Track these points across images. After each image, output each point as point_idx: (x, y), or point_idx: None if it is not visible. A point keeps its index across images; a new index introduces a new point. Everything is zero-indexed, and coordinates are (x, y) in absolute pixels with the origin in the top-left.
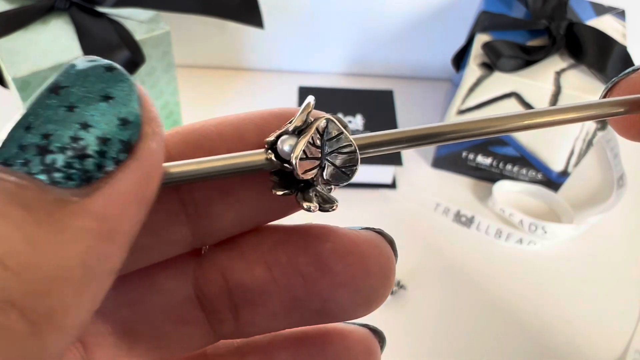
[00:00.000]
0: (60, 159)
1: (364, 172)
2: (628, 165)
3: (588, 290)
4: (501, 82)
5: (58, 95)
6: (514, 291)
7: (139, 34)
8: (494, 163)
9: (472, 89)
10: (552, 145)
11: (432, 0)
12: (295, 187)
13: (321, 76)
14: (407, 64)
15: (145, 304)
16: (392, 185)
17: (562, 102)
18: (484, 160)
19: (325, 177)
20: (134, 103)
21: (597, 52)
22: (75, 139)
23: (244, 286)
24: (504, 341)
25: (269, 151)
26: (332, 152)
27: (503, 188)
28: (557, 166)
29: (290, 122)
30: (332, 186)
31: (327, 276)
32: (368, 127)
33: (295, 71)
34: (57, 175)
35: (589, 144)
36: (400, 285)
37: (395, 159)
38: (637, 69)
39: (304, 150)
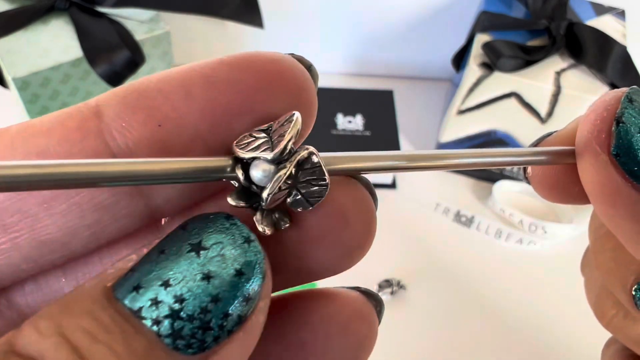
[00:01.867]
0: (187, 328)
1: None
2: None
3: None
4: (501, 82)
5: (198, 258)
6: (513, 291)
7: (139, 34)
8: None
9: (472, 89)
10: None
11: (432, 0)
12: (252, 201)
13: (321, 76)
14: (407, 64)
15: None
16: (392, 185)
17: (562, 102)
18: None
19: (288, 202)
20: (259, 280)
21: (597, 52)
22: (205, 310)
23: None
24: (503, 341)
25: (240, 169)
26: (303, 181)
27: (503, 188)
28: None
29: (266, 132)
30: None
31: (301, 232)
32: (368, 127)
33: None
34: (180, 342)
35: None
36: (400, 285)
37: None
38: (550, 134)
39: (279, 187)
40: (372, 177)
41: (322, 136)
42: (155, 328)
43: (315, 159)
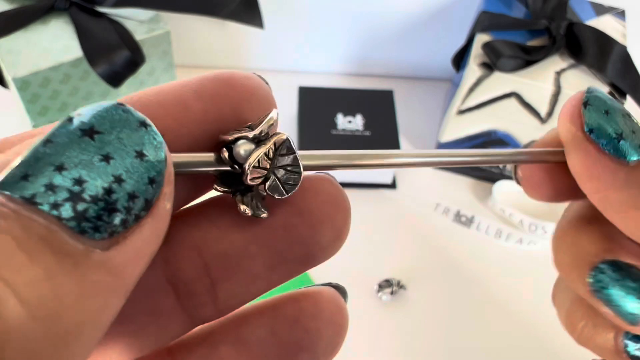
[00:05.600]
0: (91, 210)
1: (364, 172)
2: None
3: None
4: (501, 82)
5: (93, 141)
6: (513, 291)
7: (139, 34)
8: None
9: (472, 89)
10: None
11: (432, 0)
12: (235, 187)
13: (321, 76)
14: (407, 64)
15: None
16: (392, 185)
17: (562, 102)
18: None
19: (265, 187)
20: (163, 163)
21: (597, 52)
22: (109, 191)
23: (222, 256)
24: (503, 341)
25: (224, 149)
26: (279, 166)
27: (503, 188)
28: None
29: (249, 127)
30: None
31: (307, 218)
32: (368, 127)
33: (295, 71)
34: (85, 225)
35: None
36: (400, 285)
37: None
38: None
39: (258, 160)
40: (372, 178)
41: (322, 136)
42: (55, 212)
43: (290, 144)
